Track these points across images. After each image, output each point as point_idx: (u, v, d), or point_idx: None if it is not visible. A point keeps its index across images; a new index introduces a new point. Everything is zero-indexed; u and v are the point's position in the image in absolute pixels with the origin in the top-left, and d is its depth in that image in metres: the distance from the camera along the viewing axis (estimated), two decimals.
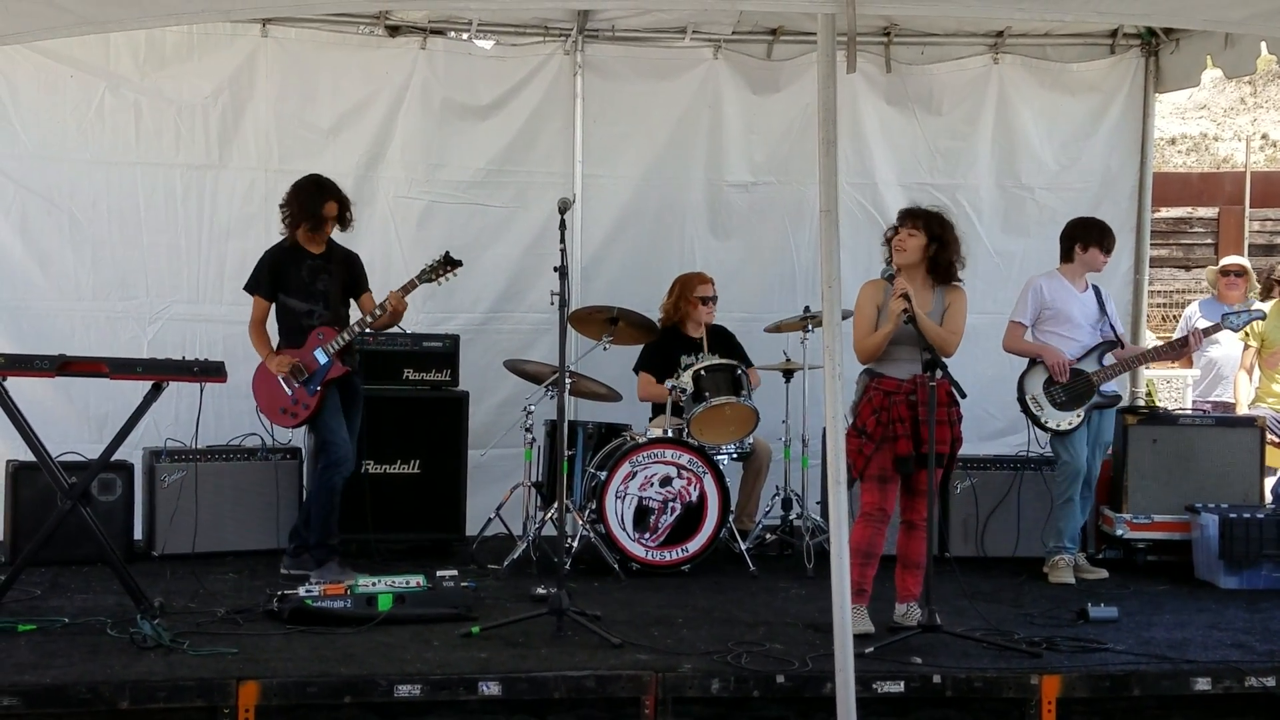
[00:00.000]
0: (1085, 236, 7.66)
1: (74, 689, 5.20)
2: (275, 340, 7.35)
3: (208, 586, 6.86)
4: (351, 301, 7.47)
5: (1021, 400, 7.66)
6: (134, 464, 7.70)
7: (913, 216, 6.41)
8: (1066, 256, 7.72)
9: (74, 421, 8.03)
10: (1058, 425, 7.59)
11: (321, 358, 7.18)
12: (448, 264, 7.29)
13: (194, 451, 7.59)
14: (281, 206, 7.35)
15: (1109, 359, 7.60)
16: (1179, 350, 7.96)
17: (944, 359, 6.16)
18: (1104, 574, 7.66)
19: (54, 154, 8.22)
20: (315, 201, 7.26)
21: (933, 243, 6.36)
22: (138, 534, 7.77)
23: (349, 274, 7.43)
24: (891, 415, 6.19)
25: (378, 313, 7.21)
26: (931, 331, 6.22)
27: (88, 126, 8.25)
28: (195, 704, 5.26)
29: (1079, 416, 7.54)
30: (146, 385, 6.36)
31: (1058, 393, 7.56)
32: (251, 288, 7.35)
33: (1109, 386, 7.64)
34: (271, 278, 7.29)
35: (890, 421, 6.18)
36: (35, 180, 8.22)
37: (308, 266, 7.29)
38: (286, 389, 7.19)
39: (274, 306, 7.33)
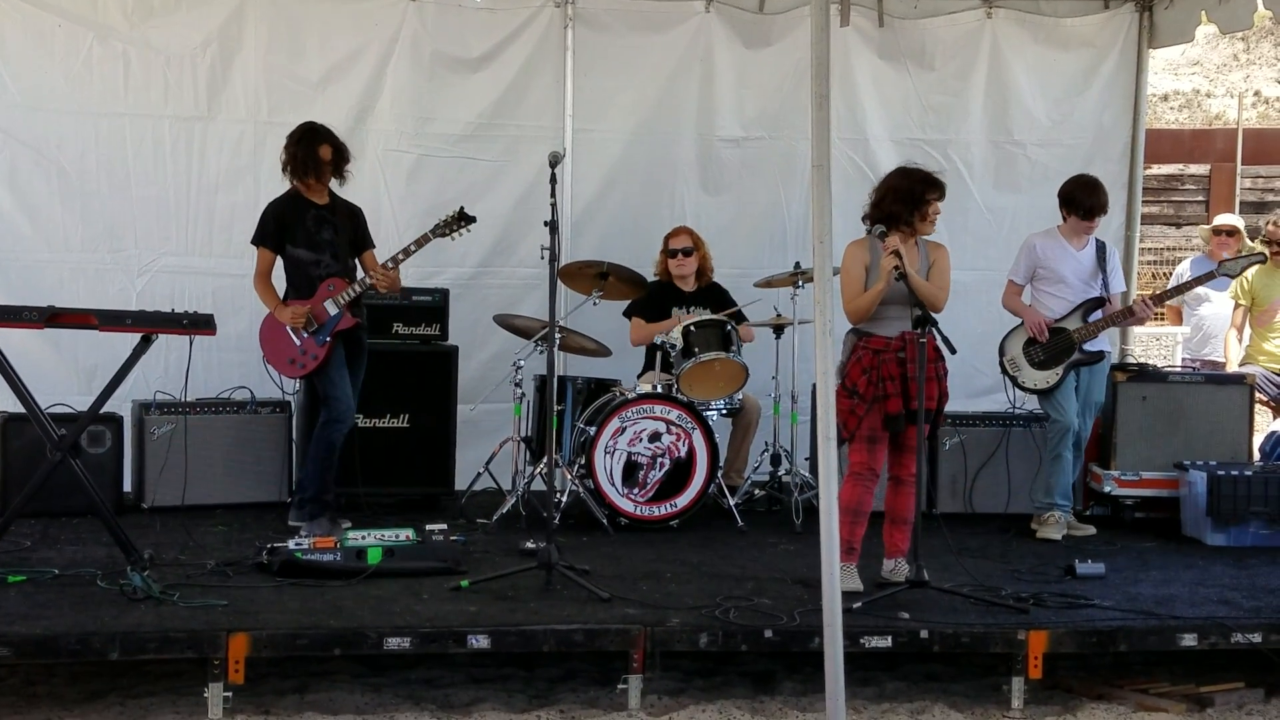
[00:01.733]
0: (1069, 203, 7.63)
1: (64, 639, 5.20)
2: (281, 293, 7.27)
3: (197, 539, 6.86)
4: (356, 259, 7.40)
5: (1000, 361, 7.72)
6: (123, 416, 7.71)
7: (940, 189, 6.36)
8: (1062, 216, 7.70)
9: (63, 373, 8.02)
10: (1034, 384, 7.65)
11: (332, 309, 7.14)
12: (461, 219, 7.27)
13: (183, 404, 7.55)
14: (281, 160, 7.28)
15: (1094, 316, 7.60)
16: (1131, 317, 7.86)
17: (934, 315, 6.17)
18: (1092, 530, 7.69)
19: (42, 105, 8.16)
20: (308, 147, 7.18)
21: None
22: (127, 486, 7.79)
23: (353, 227, 7.37)
24: (881, 374, 6.18)
25: (368, 281, 7.17)
26: (923, 289, 6.21)
27: (76, 77, 8.19)
28: (185, 655, 5.28)
29: (1057, 375, 7.56)
30: (135, 337, 6.34)
31: (1036, 352, 7.60)
32: (258, 240, 7.26)
33: (1095, 344, 7.62)
34: (277, 228, 7.20)
35: (880, 380, 6.17)
36: (23, 131, 8.16)
37: (312, 216, 7.21)
38: (295, 339, 7.13)
39: (280, 260, 7.24)
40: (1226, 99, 23.43)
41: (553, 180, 6.35)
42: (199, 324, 6.45)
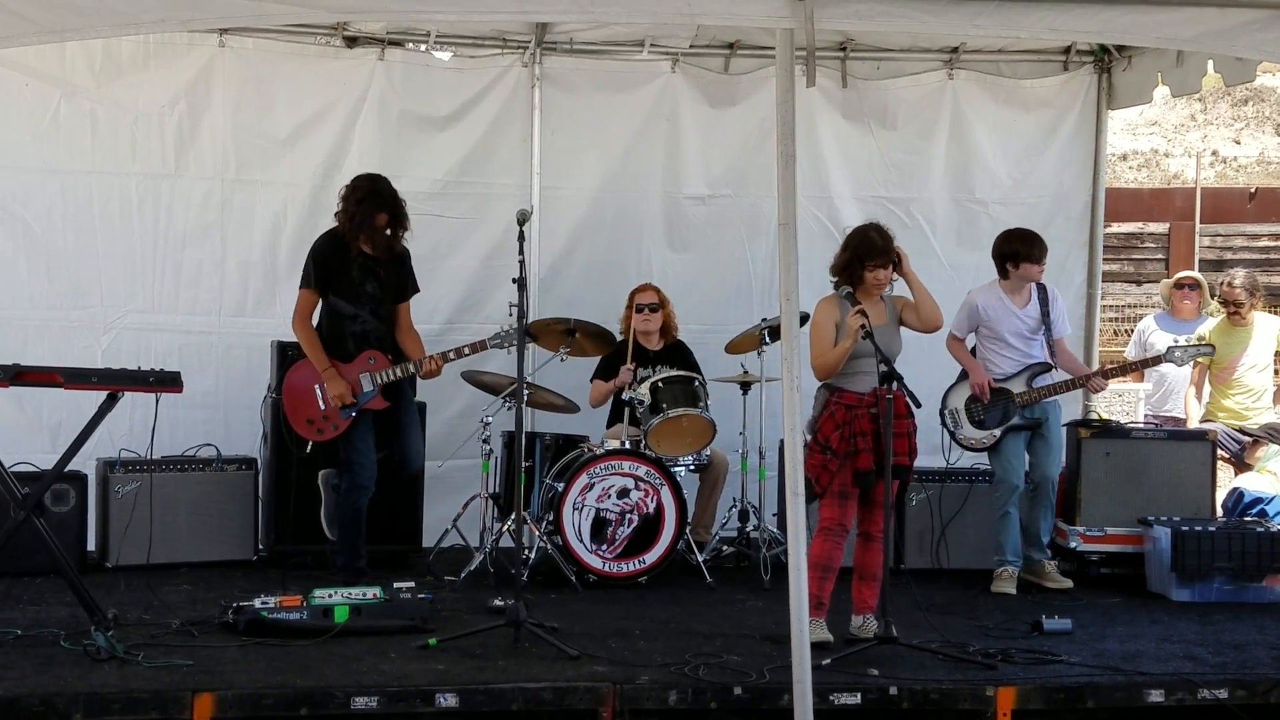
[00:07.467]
0: (1013, 254, 7.66)
1: (26, 701, 5.15)
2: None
3: (162, 598, 6.81)
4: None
5: (941, 412, 7.79)
6: (88, 474, 7.64)
7: (884, 255, 6.44)
8: (1002, 273, 7.75)
9: (27, 431, 7.96)
10: (969, 442, 7.75)
11: (366, 384, 7.06)
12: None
13: (148, 462, 7.51)
14: (339, 199, 7.16)
15: (1040, 381, 7.63)
16: (1079, 386, 7.92)
17: (901, 364, 6.24)
18: (1068, 584, 7.66)
19: (8, 162, 8.13)
20: (368, 211, 7.06)
21: (894, 268, 6.51)
22: (91, 545, 7.72)
23: (398, 275, 7.26)
24: (854, 429, 6.23)
25: (411, 369, 7.14)
26: (924, 302, 6.48)
27: (43, 135, 8.17)
28: (150, 716, 5.22)
29: (994, 436, 7.64)
30: (101, 395, 6.31)
31: (978, 410, 7.70)
32: (304, 283, 7.11)
33: (1041, 408, 7.62)
34: (320, 272, 7.08)
35: (853, 436, 6.23)
36: None
37: (358, 265, 7.10)
38: (320, 402, 7.05)
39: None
40: (1185, 158, 23.76)
41: (520, 237, 6.39)
42: (165, 381, 6.42)
